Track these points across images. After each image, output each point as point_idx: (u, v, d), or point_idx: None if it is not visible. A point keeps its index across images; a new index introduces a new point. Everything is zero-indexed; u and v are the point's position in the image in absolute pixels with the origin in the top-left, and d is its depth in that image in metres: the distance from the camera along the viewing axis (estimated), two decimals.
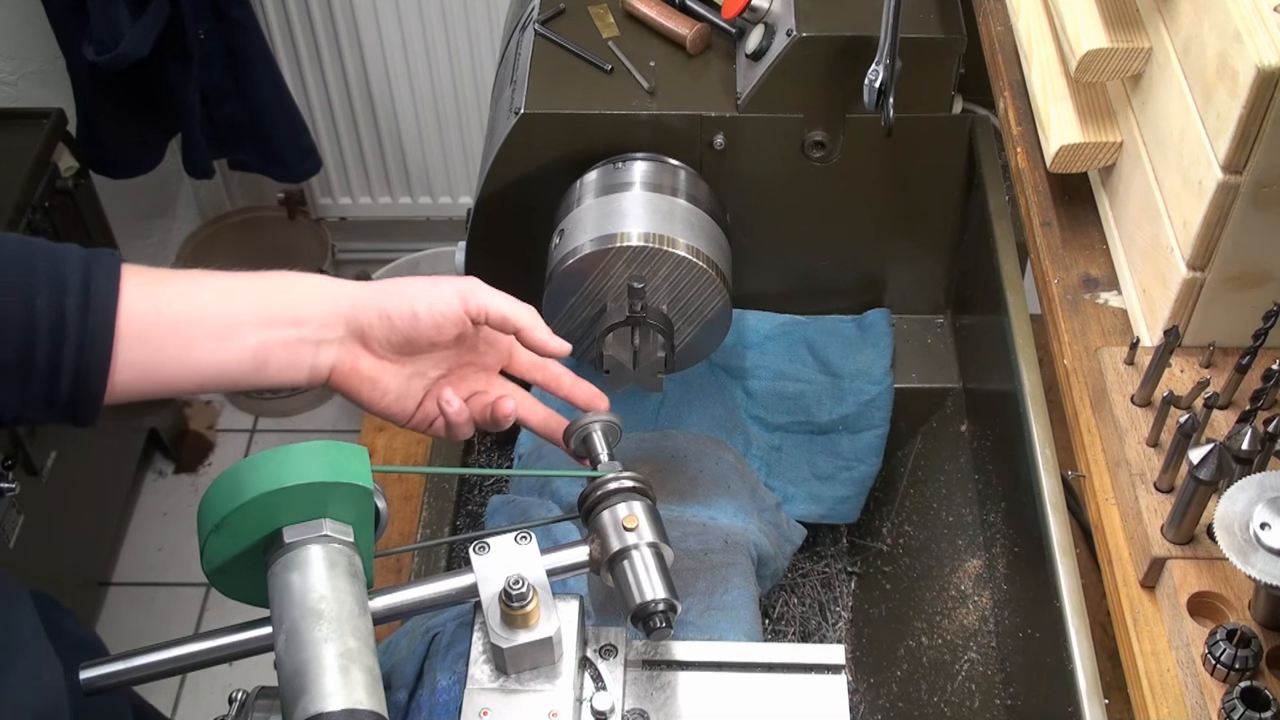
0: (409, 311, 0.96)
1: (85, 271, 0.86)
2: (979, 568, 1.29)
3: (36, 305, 0.83)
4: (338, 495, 0.87)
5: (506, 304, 1.00)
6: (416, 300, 0.97)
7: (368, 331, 0.96)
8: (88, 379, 0.85)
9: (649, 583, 0.95)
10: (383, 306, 0.96)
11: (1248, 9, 0.82)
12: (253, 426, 2.87)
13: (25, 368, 0.84)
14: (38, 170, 2.09)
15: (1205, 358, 0.97)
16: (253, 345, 0.91)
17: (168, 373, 0.90)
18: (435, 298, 0.97)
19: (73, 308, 0.84)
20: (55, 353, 0.84)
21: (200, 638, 0.91)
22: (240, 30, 2.26)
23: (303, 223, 2.83)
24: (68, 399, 0.86)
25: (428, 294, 0.97)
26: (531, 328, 1.01)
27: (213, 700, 2.37)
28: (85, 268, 0.86)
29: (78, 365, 0.85)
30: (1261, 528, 0.76)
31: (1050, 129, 1.08)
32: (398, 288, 0.97)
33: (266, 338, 0.92)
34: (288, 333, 0.93)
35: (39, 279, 0.84)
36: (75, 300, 0.84)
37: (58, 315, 0.84)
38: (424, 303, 0.96)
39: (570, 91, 1.31)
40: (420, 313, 0.96)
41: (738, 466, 1.35)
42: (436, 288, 0.98)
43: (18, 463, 2.01)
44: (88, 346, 0.85)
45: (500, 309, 0.99)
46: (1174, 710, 0.82)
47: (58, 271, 0.85)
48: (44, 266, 0.85)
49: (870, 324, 1.46)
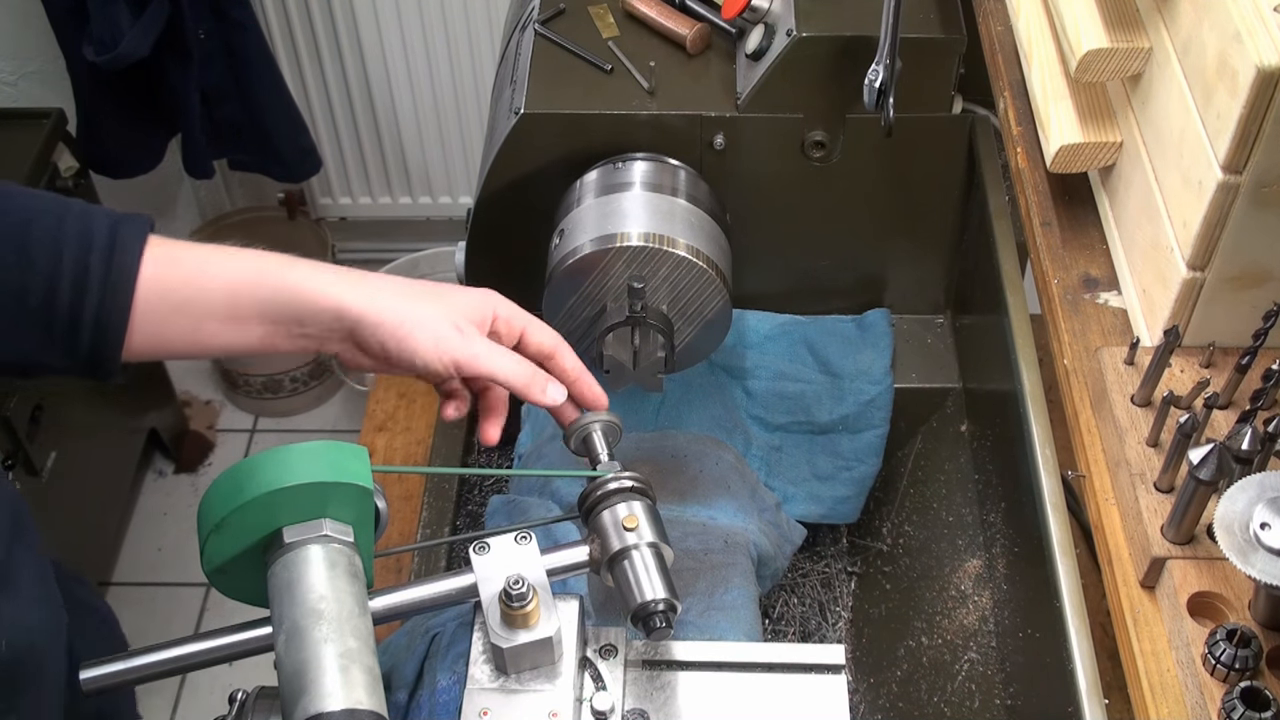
0: (408, 358, 0.95)
1: (112, 230, 0.89)
2: (979, 568, 1.29)
3: (63, 257, 0.87)
4: (338, 495, 0.87)
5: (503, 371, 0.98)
6: (417, 352, 0.95)
7: (366, 350, 0.96)
8: (107, 332, 0.89)
9: (649, 583, 0.95)
10: (383, 342, 0.95)
11: (1248, 9, 0.82)
12: (253, 426, 2.87)
13: (48, 316, 0.87)
14: (38, 170, 2.09)
15: (1205, 358, 0.97)
16: (258, 335, 0.94)
17: (178, 345, 0.93)
18: (436, 356, 0.95)
19: (97, 262, 0.88)
20: (78, 303, 0.87)
21: (200, 638, 0.91)
22: (240, 30, 2.26)
23: (303, 223, 2.83)
24: (88, 351, 0.89)
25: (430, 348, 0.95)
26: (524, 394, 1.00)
27: (213, 700, 2.37)
28: (113, 227, 0.89)
29: (98, 318, 0.88)
30: (1261, 528, 0.76)
31: (1050, 129, 1.08)
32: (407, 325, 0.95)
33: (271, 331, 0.94)
34: (291, 329, 0.94)
35: (68, 233, 0.87)
36: (100, 256, 0.88)
37: (82, 268, 0.87)
38: (421, 359, 0.95)
39: (570, 91, 1.31)
40: (418, 364, 0.96)
41: (738, 466, 1.35)
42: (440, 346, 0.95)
43: (18, 463, 2.02)
44: (109, 300, 0.88)
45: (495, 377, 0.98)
46: (1174, 710, 0.82)
47: (86, 228, 0.88)
48: (74, 223, 0.88)
49: (870, 324, 1.46)
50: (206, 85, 2.29)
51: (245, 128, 2.39)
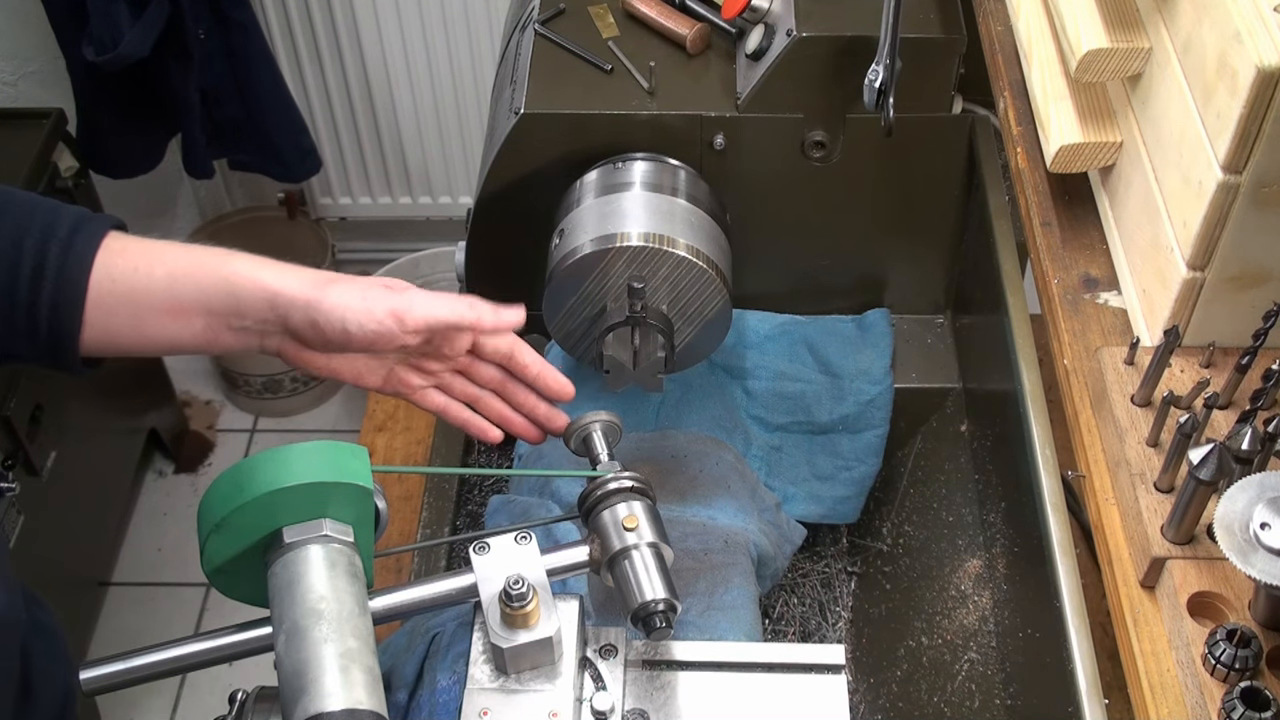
0: (339, 328, 0.95)
1: (75, 224, 0.92)
2: (979, 568, 1.29)
3: (25, 245, 0.89)
4: (338, 495, 0.87)
5: (446, 309, 0.98)
6: (347, 316, 0.94)
7: (302, 336, 0.96)
8: (63, 318, 0.91)
9: (649, 583, 0.95)
10: (314, 318, 0.95)
11: (1248, 9, 0.82)
12: (253, 426, 2.87)
13: (10, 301, 0.90)
14: (38, 170, 2.09)
15: (1205, 358, 0.97)
16: (200, 327, 0.95)
17: (124, 337, 0.95)
18: (367, 316, 0.95)
19: (55, 251, 0.90)
20: (35, 288, 0.90)
21: (200, 638, 0.91)
22: (240, 30, 2.26)
23: (303, 223, 2.83)
24: (47, 336, 0.91)
25: (359, 310, 0.95)
26: (476, 322, 0.99)
27: (213, 700, 2.37)
28: (77, 221, 0.92)
29: (54, 303, 0.90)
30: (1261, 528, 0.76)
31: (1050, 129, 1.08)
32: (336, 295, 0.95)
33: (212, 323, 0.95)
34: (231, 321, 0.96)
35: (33, 224, 0.90)
36: (59, 246, 0.90)
37: (40, 256, 0.90)
38: (354, 321, 0.95)
39: (570, 91, 1.31)
40: (351, 330, 0.95)
41: (738, 466, 1.35)
42: (369, 302, 0.95)
43: (18, 463, 2.01)
44: (64, 287, 0.90)
45: (442, 319, 0.98)
46: (1174, 710, 0.82)
47: (52, 221, 0.91)
48: (40, 217, 0.91)
49: (870, 324, 1.46)
50: (206, 85, 2.29)
51: (245, 128, 2.39)
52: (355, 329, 0.95)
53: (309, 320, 0.95)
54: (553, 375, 1.07)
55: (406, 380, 1.06)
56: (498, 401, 1.09)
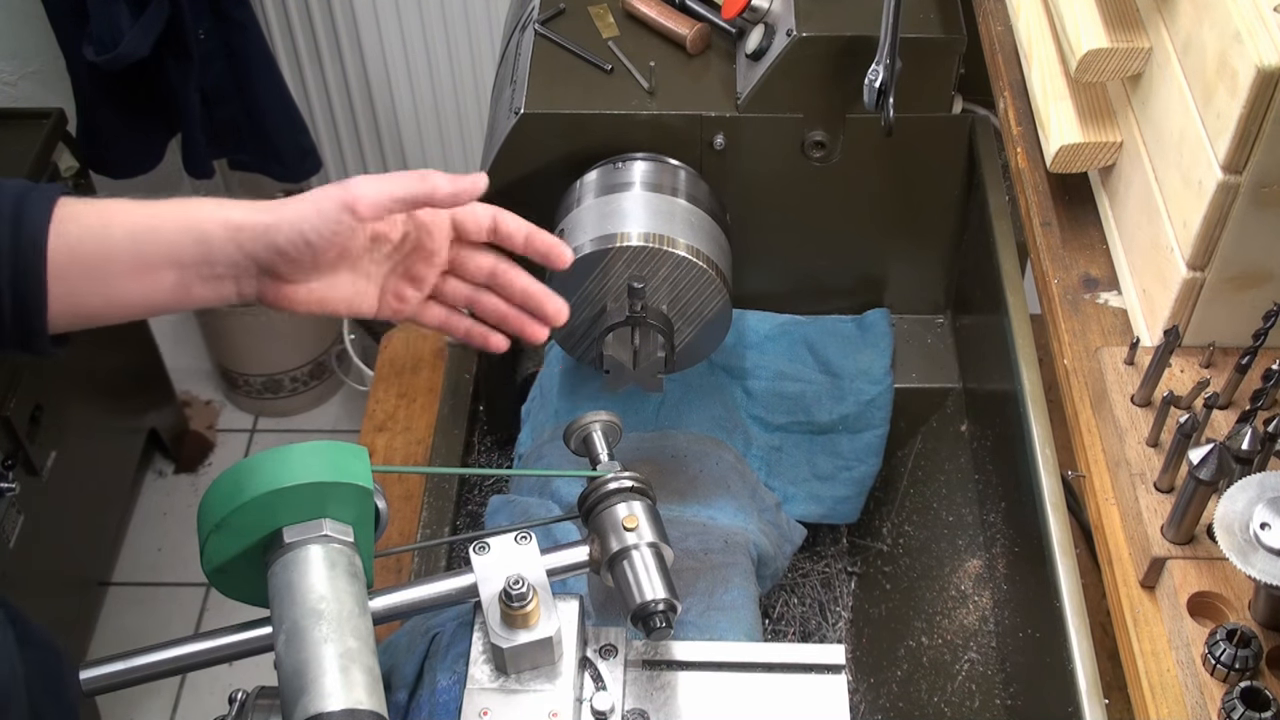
0: (300, 241, 0.92)
1: (17, 203, 0.87)
2: (979, 568, 1.29)
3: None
4: (338, 495, 0.87)
5: (397, 186, 0.94)
6: (304, 227, 0.91)
7: (272, 266, 0.93)
8: (26, 303, 0.87)
9: (649, 583, 0.95)
10: (273, 240, 0.91)
11: (1248, 9, 0.82)
12: (253, 426, 2.87)
13: None
14: (38, 170, 2.09)
15: (1205, 358, 0.97)
16: (171, 282, 0.92)
17: (93, 305, 0.91)
18: (320, 218, 0.92)
19: (4, 235, 0.86)
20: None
21: (200, 638, 0.91)
22: (240, 30, 2.26)
23: None
24: (13, 324, 0.88)
25: (312, 215, 0.92)
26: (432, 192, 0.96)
27: (213, 700, 2.37)
28: (18, 199, 0.87)
29: (14, 290, 0.87)
30: (1261, 528, 0.76)
31: (1050, 129, 1.08)
32: (289, 210, 0.92)
33: (183, 275, 0.92)
34: (201, 270, 0.92)
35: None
36: (6, 228, 0.86)
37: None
38: (311, 228, 0.91)
39: (570, 91, 1.31)
40: (311, 239, 0.92)
41: (738, 466, 1.35)
42: (320, 204, 0.92)
43: (18, 463, 2.02)
44: (22, 272, 0.86)
45: (394, 195, 0.94)
46: (1174, 710, 0.82)
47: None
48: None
49: (870, 324, 1.46)
50: (206, 85, 2.29)
51: (245, 128, 2.39)
52: (314, 236, 0.91)
53: (272, 245, 0.91)
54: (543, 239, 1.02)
55: (401, 293, 1.02)
56: (494, 298, 1.05)
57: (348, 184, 0.93)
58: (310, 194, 0.93)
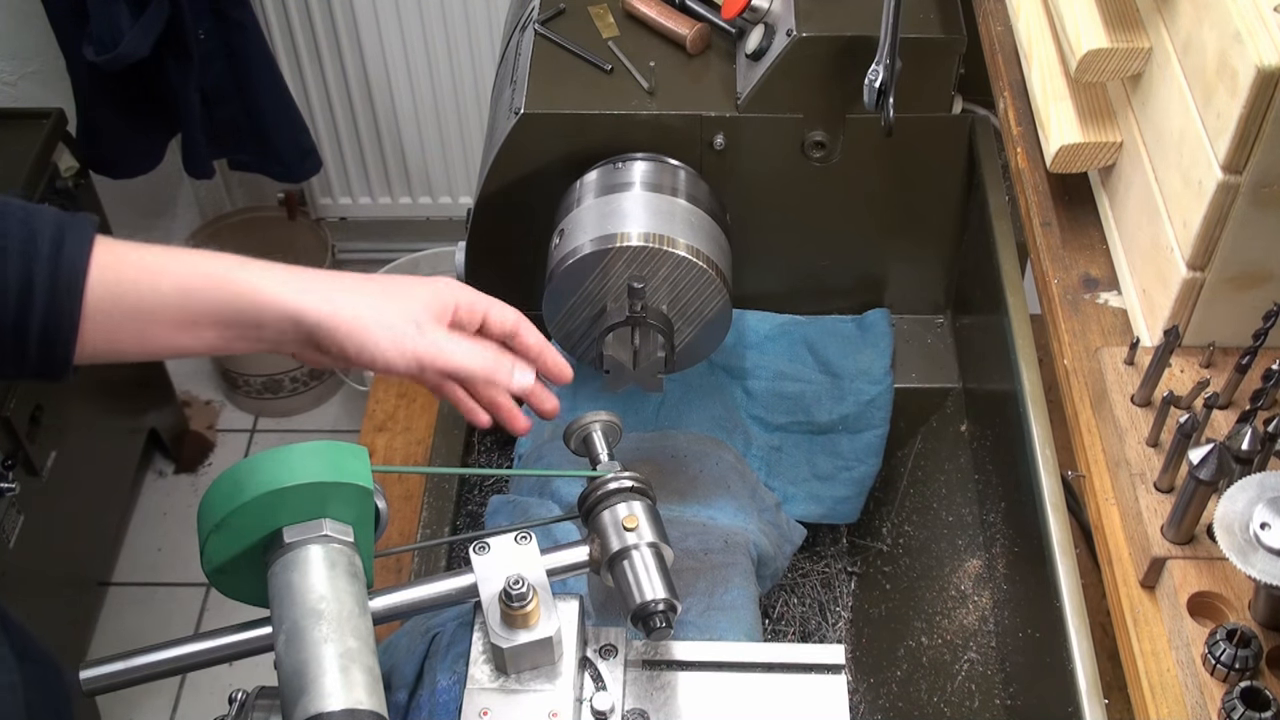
0: (368, 359, 0.94)
1: (57, 238, 0.86)
2: (979, 568, 1.29)
3: (6, 271, 0.84)
4: (338, 495, 0.87)
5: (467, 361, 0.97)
6: (376, 354, 0.94)
7: (325, 352, 0.95)
8: (54, 344, 0.87)
9: (649, 583, 0.95)
10: (341, 345, 0.93)
11: (1248, 9, 0.82)
12: (253, 426, 2.87)
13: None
14: (38, 170, 2.09)
15: (1205, 358, 0.97)
16: (211, 339, 0.92)
17: (128, 349, 0.91)
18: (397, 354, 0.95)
19: (41, 275, 0.85)
20: (22, 318, 0.85)
21: (200, 638, 0.91)
22: (240, 30, 2.26)
23: (303, 223, 2.82)
24: (36, 361, 0.87)
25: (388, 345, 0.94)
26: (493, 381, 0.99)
27: (213, 700, 2.37)
28: (58, 234, 0.86)
29: (44, 330, 0.86)
30: (1261, 528, 0.76)
31: (1050, 129, 1.08)
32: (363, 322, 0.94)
33: (226, 335, 0.92)
34: (246, 333, 0.93)
35: (10, 242, 0.85)
36: (44, 267, 0.85)
37: (25, 281, 0.85)
38: (382, 358, 0.94)
39: (570, 91, 1.31)
40: (377, 362, 0.95)
41: (738, 466, 1.35)
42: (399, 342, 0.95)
43: (18, 463, 2.01)
44: (55, 314, 0.86)
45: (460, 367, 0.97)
46: (1174, 710, 0.82)
47: (29, 235, 0.85)
48: (16, 230, 0.85)
49: (870, 324, 1.46)
50: (206, 85, 2.29)
51: (245, 128, 2.39)
52: (382, 363, 0.95)
53: (335, 343, 0.93)
54: (552, 356, 1.05)
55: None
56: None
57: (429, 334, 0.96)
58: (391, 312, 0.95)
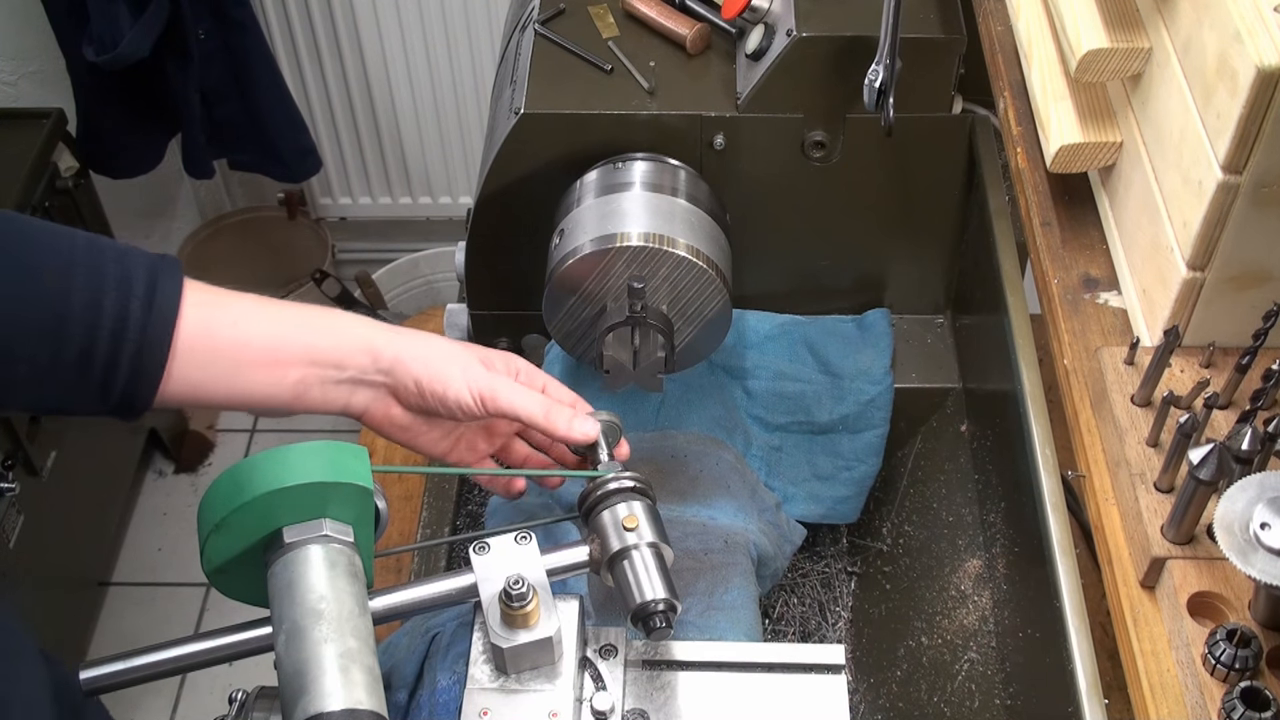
0: (440, 390, 0.99)
1: (151, 277, 0.88)
2: (979, 568, 1.29)
3: (103, 306, 0.86)
4: (338, 495, 0.87)
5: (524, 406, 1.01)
6: (449, 382, 0.99)
7: (400, 391, 0.99)
8: (140, 382, 0.88)
9: (649, 583, 0.95)
10: (418, 377, 0.98)
11: (1248, 9, 0.82)
12: (253, 426, 2.87)
13: (84, 366, 0.86)
14: (38, 170, 2.09)
15: (1205, 358, 0.97)
16: (294, 380, 0.95)
17: (212, 391, 0.93)
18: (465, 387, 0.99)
19: (136, 311, 0.87)
20: (115, 353, 0.86)
21: (200, 638, 0.91)
22: (240, 30, 2.26)
23: (303, 223, 2.82)
24: (119, 398, 0.89)
25: (459, 383, 0.99)
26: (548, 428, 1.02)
27: (213, 700, 2.37)
28: (152, 273, 0.88)
29: (134, 368, 0.87)
30: (1261, 528, 0.76)
31: (1050, 129, 1.08)
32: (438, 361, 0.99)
33: (307, 374, 0.95)
34: (328, 373, 0.96)
35: (107, 281, 0.86)
36: (140, 304, 0.87)
37: (121, 318, 0.86)
38: (454, 390, 0.99)
39: (570, 91, 1.31)
40: (450, 398, 0.99)
41: (738, 466, 1.35)
42: (469, 377, 0.99)
43: (18, 463, 2.02)
44: (146, 351, 0.87)
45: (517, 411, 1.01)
46: (1174, 710, 0.82)
47: (125, 274, 0.87)
48: (113, 269, 0.87)
49: (870, 324, 1.46)
50: (206, 85, 2.29)
51: (245, 128, 2.39)
52: (453, 398, 0.99)
53: (414, 377, 0.98)
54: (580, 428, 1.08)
55: (474, 444, 1.10)
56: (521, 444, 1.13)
57: (495, 378, 1.01)
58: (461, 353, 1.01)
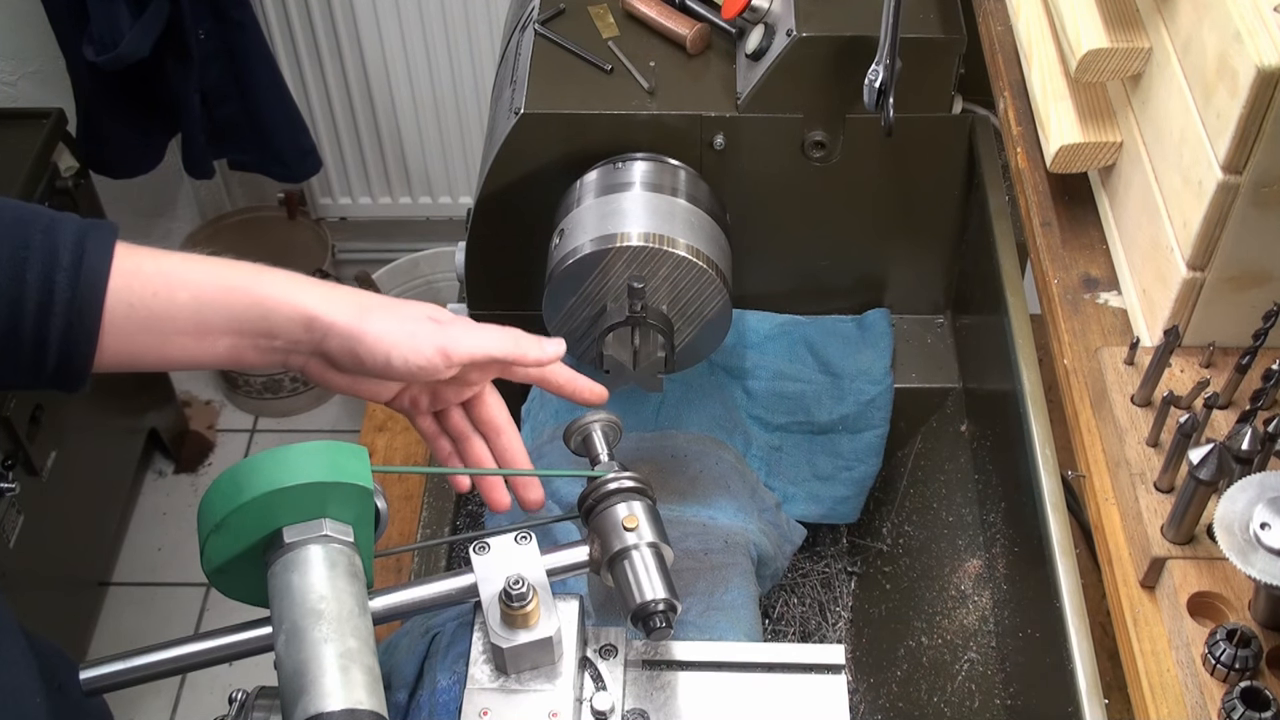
0: (382, 360, 0.93)
1: (78, 246, 0.86)
2: (979, 568, 1.29)
3: (27, 279, 0.84)
4: (338, 495, 0.87)
5: (491, 342, 0.96)
6: (392, 352, 0.92)
7: (337, 362, 0.94)
8: (73, 354, 0.86)
9: (649, 583, 0.95)
10: (354, 349, 0.92)
11: (1248, 9, 0.82)
12: (253, 426, 2.87)
13: (12, 339, 0.85)
14: (38, 170, 2.09)
15: (1205, 358, 0.97)
16: (225, 348, 0.92)
17: (147, 360, 0.91)
18: (414, 352, 0.93)
19: (62, 283, 0.84)
20: (42, 327, 0.85)
21: (200, 638, 0.91)
22: (240, 30, 2.26)
23: (303, 223, 2.82)
24: (53, 370, 0.87)
25: (405, 346, 0.93)
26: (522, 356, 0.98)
27: (213, 700, 2.37)
28: (79, 242, 0.86)
29: (64, 340, 0.86)
30: (1261, 528, 0.76)
31: (1050, 129, 1.08)
32: (379, 326, 0.92)
33: (239, 343, 0.92)
34: (259, 342, 0.92)
35: (32, 252, 0.84)
36: (65, 275, 0.85)
37: (46, 291, 0.84)
38: (400, 356, 0.92)
39: (570, 91, 1.31)
40: (395, 364, 0.93)
41: (738, 466, 1.35)
42: (417, 339, 0.93)
43: (18, 463, 2.02)
44: (75, 324, 0.85)
45: (486, 351, 0.96)
46: (1174, 710, 0.82)
47: (51, 244, 0.85)
48: (39, 240, 0.85)
49: (870, 324, 1.46)
50: (206, 85, 2.29)
51: (245, 128, 2.39)
52: (400, 363, 0.93)
53: (348, 349, 0.92)
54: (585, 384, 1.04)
55: (417, 401, 1.04)
56: (482, 447, 1.06)
57: (447, 328, 0.95)
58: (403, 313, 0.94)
